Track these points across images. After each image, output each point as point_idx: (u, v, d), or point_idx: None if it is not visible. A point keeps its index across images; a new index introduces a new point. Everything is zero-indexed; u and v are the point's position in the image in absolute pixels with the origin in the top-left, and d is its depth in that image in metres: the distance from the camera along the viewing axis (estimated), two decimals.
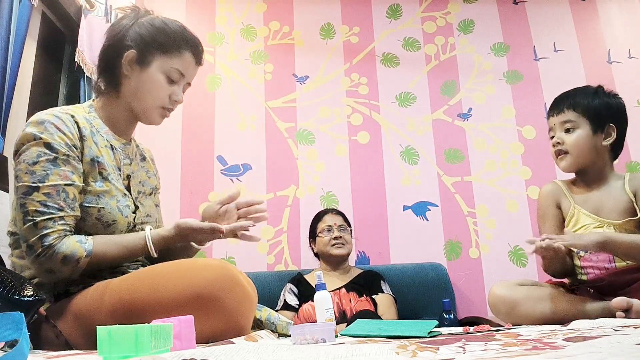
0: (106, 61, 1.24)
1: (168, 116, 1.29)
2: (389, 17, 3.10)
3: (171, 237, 1.16)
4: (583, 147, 1.58)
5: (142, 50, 1.21)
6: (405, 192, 2.81)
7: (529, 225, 2.75)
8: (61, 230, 1.05)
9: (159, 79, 1.22)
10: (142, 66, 1.21)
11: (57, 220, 1.05)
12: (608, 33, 3.04)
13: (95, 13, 2.48)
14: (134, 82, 1.22)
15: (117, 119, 1.26)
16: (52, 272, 1.05)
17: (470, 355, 0.58)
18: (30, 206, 1.05)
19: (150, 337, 0.63)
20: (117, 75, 1.23)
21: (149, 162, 1.41)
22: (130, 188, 1.26)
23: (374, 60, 3.02)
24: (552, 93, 2.92)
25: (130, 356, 0.61)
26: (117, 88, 1.24)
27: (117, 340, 0.62)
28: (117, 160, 1.23)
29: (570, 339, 0.68)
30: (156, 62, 1.21)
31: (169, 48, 1.22)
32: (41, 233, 1.03)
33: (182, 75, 1.25)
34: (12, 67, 1.81)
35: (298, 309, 2.15)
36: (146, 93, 1.22)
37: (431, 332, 1.00)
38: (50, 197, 1.06)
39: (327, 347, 0.72)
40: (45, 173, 1.07)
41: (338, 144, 2.88)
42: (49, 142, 1.10)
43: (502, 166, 2.85)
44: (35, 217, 1.04)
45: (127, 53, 1.20)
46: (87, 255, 1.06)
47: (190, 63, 1.26)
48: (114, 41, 1.23)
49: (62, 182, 1.08)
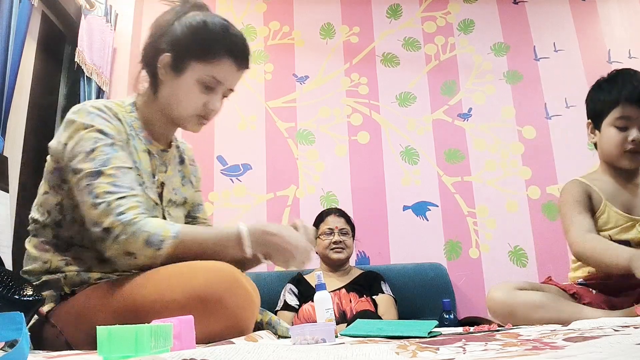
0: (146, 59, 1.16)
1: (205, 124, 1.20)
2: (389, 17, 3.10)
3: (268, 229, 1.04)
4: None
5: (177, 55, 1.11)
6: (405, 192, 2.81)
7: (529, 225, 2.75)
8: (137, 207, 0.99)
9: (192, 88, 1.12)
10: (176, 72, 1.12)
11: (130, 198, 0.99)
12: (608, 33, 3.04)
13: (95, 13, 2.49)
14: (168, 88, 1.14)
15: (156, 122, 1.19)
16: (131, 254, 0.97)
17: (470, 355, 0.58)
18: (98, 189, 0.98)
19: (150, 337, 0.63)
20: (154, 77, 1.15)
21: (186, 165, 1.32)
22: (162, 196, 1.19)
23: (374, 60, 3.02)
24: (552, 93, 2.96)
25: (130, 356, 0.61)
26: (155, 89, 1.16)
27: (117, 340, 0.62)
28: (152, 167, 1.17)
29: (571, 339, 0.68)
30: (191, 69, 1.11)
31: (205, 54, 1.11)
32: (117, 211, 0.96)
33: (219, 83, 1.14)
34: (12, 67, 1.81)
35: (298, 309, 2.15)
36: (179, 101, 1.14)
37: (431, 332, 1.00)
38: (118, 177, 1.00)
39: (327, 347, 0.72)
40: (107, 157, 1.02)
41: (338, 144, 2.88)
42: (101, 129, 1.05)
43: (502, 166, 2.85)
44: (107, 197, 0.97)
45: (162, 56, 1.12)
46: (173, 236, 0.98)
47: (229, 70, 1.14)
48: (153, 40, 1.15)
49: (125, 165, 1.04)
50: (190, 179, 1.32)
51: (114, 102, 1.16)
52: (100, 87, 2.49)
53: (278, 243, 1.03)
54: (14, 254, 1.82)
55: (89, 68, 2.40)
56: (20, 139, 2.16)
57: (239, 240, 1.01)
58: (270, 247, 1.03)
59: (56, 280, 1.08)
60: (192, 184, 1.33)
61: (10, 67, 1.79)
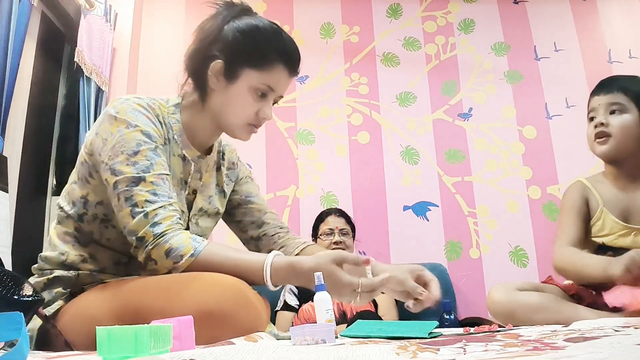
0: (193, 66, 1.12)
1: (256, 132, 1.17)
2: (389, 16, 3.09)
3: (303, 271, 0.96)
4: (628, 132, 1.44)
5: (230, 62, 1.07)
6: (405, 192, 2.81)
7: (530, 225, 2.75)
8: (173, 217, 0.99)
9: (246, 96, 1.09)
10: (229, 80, 1.09)
11: (168, 207, 0.99)
12: (608, 33, 3.04)
13: (94, 13, 2.48)
14: (220, 97, 1.10)
15: (199, 129, 1.15)
16: (154, 260, 0.97)
17: (470, 356, 0.57)
18: (138, 197, 0.97)
19: (149, 338, 0.63)
20: (204, 85, 1.11)
21: (222, 172, 1.27)
22: (193, 205, 1.16)
23: (374, 60, 3.01)
24: (553, 93, 2.96)
25: (129, 357, 0.61)
26: (203, 97, 1.12)
27: (117, 340, 0.61)
28: (185, 173, 1.14)
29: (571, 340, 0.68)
30: (244, 76, 1.08)
31: (259, 61, 1.07)
32: (152, 221, 0.97)
33: (272, 90, 1.11)
34: (12, 67, 1.81)
35: (298, 310, 2.15)
36: (232, 110, 1.11)
37: (431, 332, 1.00)
38: (159, 186, 1.00)
39: (327, 348, 0.71)
40: (150, 162, 1.00)
41: (338, 144, 2.88)
42: (147, 131, 1.03)
43: (503, 166, 2.85)
44: (146, 207, 0.97)
45: (213, 64, 1.08)
46: (192, 255, 0.97)
47: (282, 77, 1.11)
48: (201, 46, 1.10)
49: (165, 172, 1.03)
50: (223, 188, 1.28)
51: (157, 100, 1.13)
52: (99, 87, 2.49)
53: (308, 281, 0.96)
54: (13, 254, 1.82)
55: (88, 68, 2.39)
56: (19, 139, 2.16)
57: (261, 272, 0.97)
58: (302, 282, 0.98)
59: (68, 277, 1.07)
60: (224, 194, 1.28)
61: (9, 67, 1.78)
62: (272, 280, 0.97)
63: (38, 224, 2.33)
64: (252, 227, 1.33)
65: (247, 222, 1.33)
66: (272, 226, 1.33)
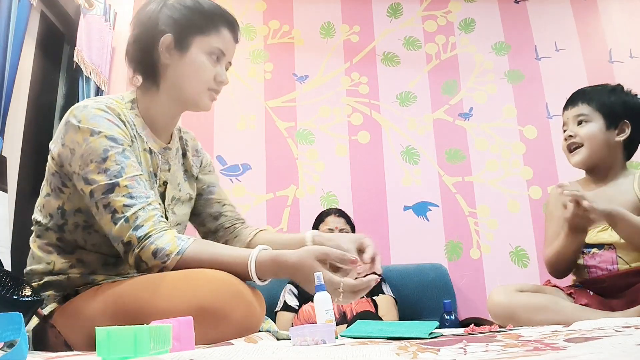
0: (140, 52, 1.15)
1: (216, 99, 1.21)
2: (389, 16, 3.09)
3: (287, 265, 0.98)
4: (594, 140, 1.55)
5: (179, 33, 1.12)
6: (405, 192, 2.81)
7: (531, 225, 2.74)
8: (154, 217, 1.00)
9: (202, 60, 1.14)
10: (181, 50, 1.13)
11: (147, 208, 1.00)
12: (609, 32, 3.04)
13: (94, 12, 2.48)
14: (175, 69, 1.14)
15: (157, 116, 1.18)
16: (144, 262, 0.98)
17: (471, 356, 0.57)
18: (116, 204, 0.98)
19: (149, 338, 0.63)
20: (154, 66, 1.14)
21: (188, 158, 1.30)
22: (165, 196, 1.18)
23: (375, 60, 3.01)
24: (554, 92, 2.95)
25: (129, 357, 0.61)
26: (156, 80, 1.15)
27: (116, 341, 0.61)
28: (154, 166, 1.15)
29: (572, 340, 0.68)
30: (195, 43, 1.13)
31: (206, 27, 1.14)
32: (134, 225, 0.98)
33: (223, 54, 1.17)
34: (11, 67, 1.81)
35: (298, 310, 2.15)
36: (191, 77, 1.14)
37: (432, 333, 1.00)
38: (133, 188, 1.00)
39: (327, 348, 0.71)
40: (120, 167, 1.01)
41: (338, 144, 2.87)
42: (112, 135, 1.03)
43: (504, 166, 2.85)
44: (126, 212, 0.98)
45: (163, 39, 1.12)
46: (177, 253, 0.98)
47: (229, 41, 1.18)
48: (145, 29, 1.14)
49: (137, 173, 1.03)
50: (192, 172, 1.30)
51: (113, 99, 1.13)
52: (99, 86, 2.49)
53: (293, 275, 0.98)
54: (13, 254, 1.82)
55: (87, 67, 2.39)
56: (19, 139, 2.16)
57: (246, 267, 0.98)
58: (287, 275, 1.00)
59: (58, 281, 1.07)
60: (194, 178, 1.31)
61: (9, 67, 1.78)
62: (258, 275, 0.98)
63: None
64: (209, 220, 1.34)
65: (206, 215, 1.34)
66: (230, 218, 1.35)
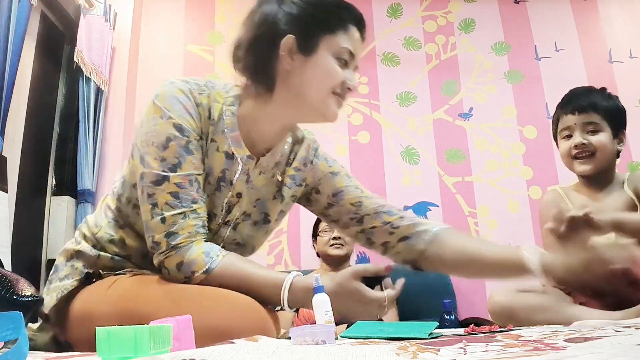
0: (254, 58, 1.00)
1: (342, 106, 1.04)
2: (389, 16, 3.09)
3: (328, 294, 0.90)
4: (605, 150, 1.53)
5: (304, 34, 0.97)
6: (405, 192, 2.81)
7: (531, 225, 2.74)
8: (192, 227, 0.94)
9: (331, 63, 0.98)
10: (307, 53, 0.98)
11: (189, 215, 0.94)
12: (609, 32, 3.04)
13: (94, 12, 2.48)
14: (298, 76, 0.98)
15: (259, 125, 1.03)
16: (166, 269, 0.95)
17: (471, 356, 0.57)
18: (159, 198, 0.93)
19: (149, 338, 0.63)
20: (271, 74, 0.99)
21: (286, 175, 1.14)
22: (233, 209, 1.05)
23: (375, 60, 3.01)
24: (554, 92, 2.95)
25: (129, 357, 0.61)
26: (270, 88, 1.00)
27: (116, 341, 0.61)
28: (231, 172, 1.03)
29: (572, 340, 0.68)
30: (324, 44, 0.98)
31: (334, 25, 0.99)
32: (169, 230, 0.93)
33: (352, 56, 1.01)
34: (11, 67, 1.81)
35: (298, 310, 2.15)
36: (316, 84, 0.99)
37: (432, 333, 1.00)
38: (183, 188, 0.94)
39: (327, 348, 0.71)
40: (178, 161, 0.94)
41: (338, 144, 2.87)
42: (180, 124, 0.95)
43: (504, 166, 2.85)
44: (165, 212, 0.93)
45: (284, 40, 0.97)
46: (204, 272, 0.92)
47: (357, 40, 1.02)
48: (261, 32, 0.99)
49: (195, 172, 0.96)
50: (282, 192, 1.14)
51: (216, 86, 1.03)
52: (99, 86, 2.49)
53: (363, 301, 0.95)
54: (13, 254, 1.82)
55: (88, 67, 2.39)
56: (19, 139, 2.16)
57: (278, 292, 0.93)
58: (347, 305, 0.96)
59: (89, 256, 1.03)
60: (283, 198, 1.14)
61: (9, 67, 1.78)
62: (290, 303, 0.93)
63: (37, 224, 2.33)
64: (353, 224, 1.20)
65: (345, 220, 1.20)
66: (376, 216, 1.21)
